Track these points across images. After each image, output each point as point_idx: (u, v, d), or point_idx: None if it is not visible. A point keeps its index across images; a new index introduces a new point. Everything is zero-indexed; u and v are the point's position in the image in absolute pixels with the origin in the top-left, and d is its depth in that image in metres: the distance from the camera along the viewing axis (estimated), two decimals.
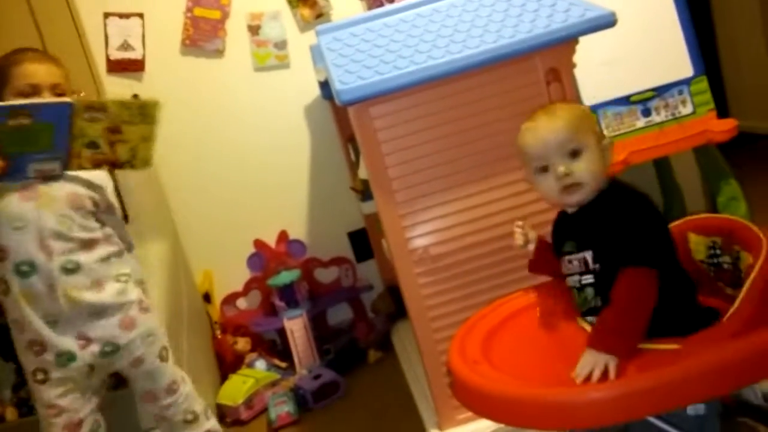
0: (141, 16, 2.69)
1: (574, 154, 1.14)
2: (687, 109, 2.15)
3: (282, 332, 2.64)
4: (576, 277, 1.17)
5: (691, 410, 1.02)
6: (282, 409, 2.27)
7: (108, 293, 1.58)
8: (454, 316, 1.66)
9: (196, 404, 1.73)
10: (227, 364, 2.58)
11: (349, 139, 2.70)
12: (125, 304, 1.60)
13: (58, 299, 1.51)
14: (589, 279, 1.15)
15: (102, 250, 1.60)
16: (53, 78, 1.55)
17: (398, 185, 1.66)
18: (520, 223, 1.34)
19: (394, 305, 2.65)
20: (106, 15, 2.65)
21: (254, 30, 2.78)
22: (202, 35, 2.73)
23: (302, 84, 2.78)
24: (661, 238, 1.11)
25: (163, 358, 1.67)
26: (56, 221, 1.52)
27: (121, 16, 2.67)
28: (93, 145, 1.53)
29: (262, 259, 2.84)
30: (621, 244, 1.06)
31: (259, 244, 2.85)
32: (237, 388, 2.39)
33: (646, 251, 1.05)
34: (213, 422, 1.79)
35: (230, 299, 2.85)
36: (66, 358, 1.53)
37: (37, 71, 1.53)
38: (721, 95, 3.80)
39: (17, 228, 1.49)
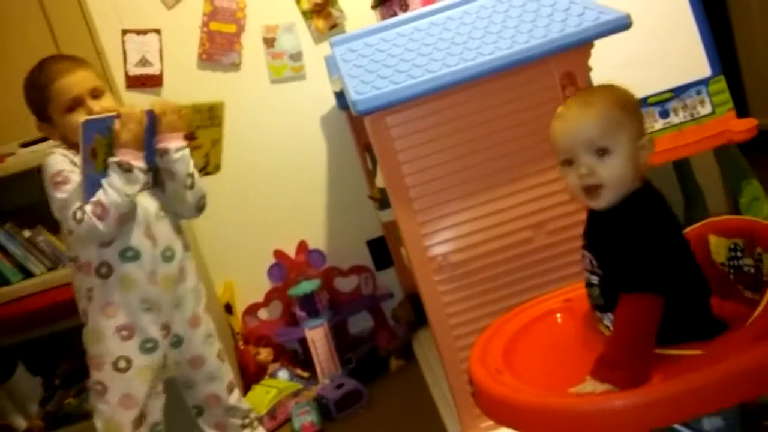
0: (158, 32, 2.72)
1: (603, 152, 1.06)
2: (706, 110, 2.13)
3: (304, 342, 2.65)
4: (587, 273, 1.16)
5: (707, 424, 0.99)
6: (305, 418, 2.27)
7: (188, 286, 1.63)
8: (474, 323, 1.65)
9: (251, 412, 1.79)
10: (250, 375, 2.59)
11: (366, 147, 2.70)
12: (198, 300, 1.66)
13: (157, 286, 1.55)
14: (595, 279, 1.14)
15: (183, 239, 1.65)
16: (89, 83, 1.56)
17: (416, 193, 1.67)
18: None
19: (415, 313, 2.64)
20: (124, 32, 2.69)
21: (269, 42, 2.80)
22: (218, 49, 2.76)
23: (318, 95, 2.79)
24: (670, 258, 1.05)
25: (221, 359, 1.71)
26: (157, 207, 1.59)
27: (139, 32, 2.71)
28: None
29: (283, 269, 2.85)
30: (623, 267, 1.03)
31: (279, 254, 2.86)
32: (260, 399, 2.39)
33: (649, 277, 1.00)
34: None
35: (252, 310, 2.87)
36: (151, 345, 1.55)
37: (75, 83, 1.53)
38: (740, 94, 3.74)
39: None
